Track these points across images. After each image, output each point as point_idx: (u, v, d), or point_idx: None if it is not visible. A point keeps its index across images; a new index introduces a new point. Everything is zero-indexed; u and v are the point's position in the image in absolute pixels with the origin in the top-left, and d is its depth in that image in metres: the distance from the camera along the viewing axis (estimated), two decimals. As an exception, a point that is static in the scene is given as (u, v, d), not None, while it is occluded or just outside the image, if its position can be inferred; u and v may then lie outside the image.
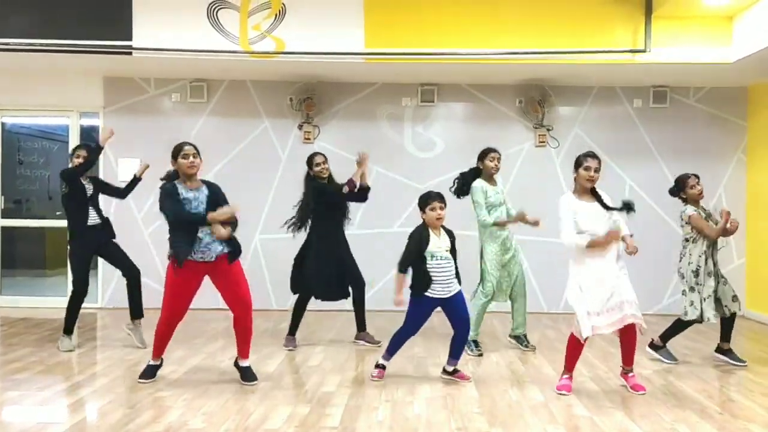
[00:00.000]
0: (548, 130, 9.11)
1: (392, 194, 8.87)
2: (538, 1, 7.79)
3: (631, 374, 5.54)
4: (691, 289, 6.37)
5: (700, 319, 6.29)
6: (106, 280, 9.21)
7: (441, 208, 5.50)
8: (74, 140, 9.30)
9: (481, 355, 6.64)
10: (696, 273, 6.30)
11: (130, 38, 7.88)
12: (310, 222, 6.93)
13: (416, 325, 5.69)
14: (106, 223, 7.15)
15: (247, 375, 5.66)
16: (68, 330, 6.92)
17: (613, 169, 9.09)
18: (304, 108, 8.98)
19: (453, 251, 5.59)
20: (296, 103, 9.03)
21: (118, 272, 8.98)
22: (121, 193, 7.46)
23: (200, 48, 7.88)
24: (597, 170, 5.33)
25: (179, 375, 5.85)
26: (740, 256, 9.12)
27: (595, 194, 5.45)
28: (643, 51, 7.66)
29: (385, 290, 8.89)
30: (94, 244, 7.05)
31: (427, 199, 5.54)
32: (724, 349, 6.58)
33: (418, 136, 9.26)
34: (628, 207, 5.35)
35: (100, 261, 9.14)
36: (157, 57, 7.99)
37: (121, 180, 9.06)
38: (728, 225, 6.14)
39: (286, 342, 7.00)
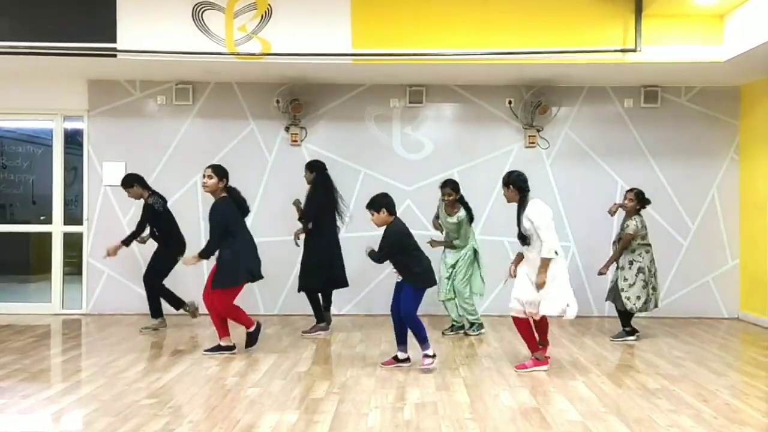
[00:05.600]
0: (538, 130, 9.02)
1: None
2: (528, 0, 7.71)
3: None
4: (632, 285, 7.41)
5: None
6: (91, 286, 9.06)
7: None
8: (58, 144, 9.17)
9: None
10: (642, 270, 7.38)
11: (114, 40, 7.76)
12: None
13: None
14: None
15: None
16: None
17: (605, 170, 9.04)
18: (291, 110, 8.87)
19: None
20: (283, 105, 8.91)
21: (103, 279, 8.98)
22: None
23: (185, 50, 7.78)
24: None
25: (165, 382, 5.72)
26: (734, 257, 9.06)
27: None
28: (634, 50, 7.60)
29: (372, 296, 8.82)
30: None
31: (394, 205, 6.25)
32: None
33: (406, 137, 9.17)
34: None
35: (84, 267, 9.03)
36: (142, 59, 7.88)
37: (105, 184, 8.99)
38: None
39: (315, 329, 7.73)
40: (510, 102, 9.07)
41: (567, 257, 8.97)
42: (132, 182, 7.84)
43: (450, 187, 7.49)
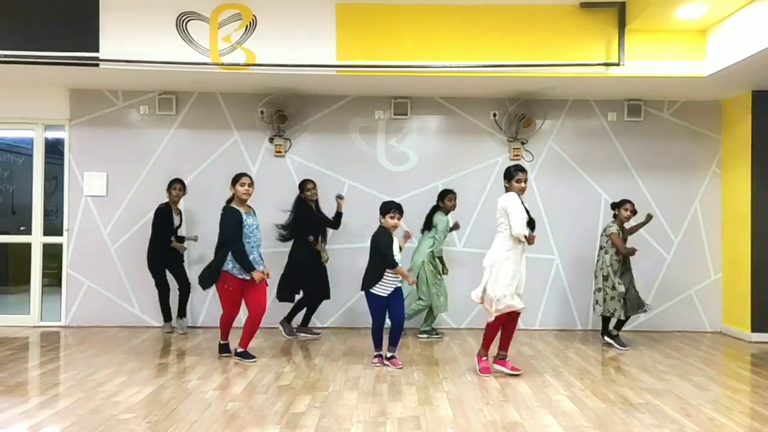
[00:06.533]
0: (523, 143, 9.03)
1: (365, 209, 8.70)
2: (512, 14, 7.73)
3: (506, 359, 6.53)
4: (598, 289, 7.92)
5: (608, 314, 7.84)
6: (70, 298, 8.95)
7: (399, 218, 6.73)
8: (39, 153, 9.07)
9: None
10: (606, 277, 7.80)
11: (96, 50, 7.69)
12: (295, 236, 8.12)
13: (381, 317, 6.80)
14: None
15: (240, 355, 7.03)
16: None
17: (588, 183, 9.06)
18: (275, 121, 8.82)
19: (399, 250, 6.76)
20: (267, 116, 8.87)
21: (83, 290, 8.89)
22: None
23: (169, 60, 7.71)
24: (526, 181, 6.44)
25: (143, 396, 5.64)
26: (717, 272, 9.08)
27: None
28: (617, 64, 7.62)
29: (355, 309, 8.77)
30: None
31: (389, 208, 6.71)
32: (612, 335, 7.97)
33: (391, 149, 9.14)
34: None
35: (64, 278, 8.93)
36: (125, 69, 7.80)
37: (86, 194, 8.91)
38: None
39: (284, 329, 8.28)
40: (495, 115, 9.07)
41: (551, 270, 9.01)
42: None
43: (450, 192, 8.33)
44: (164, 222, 8.33)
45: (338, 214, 8.34)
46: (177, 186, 8.45)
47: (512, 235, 6.21)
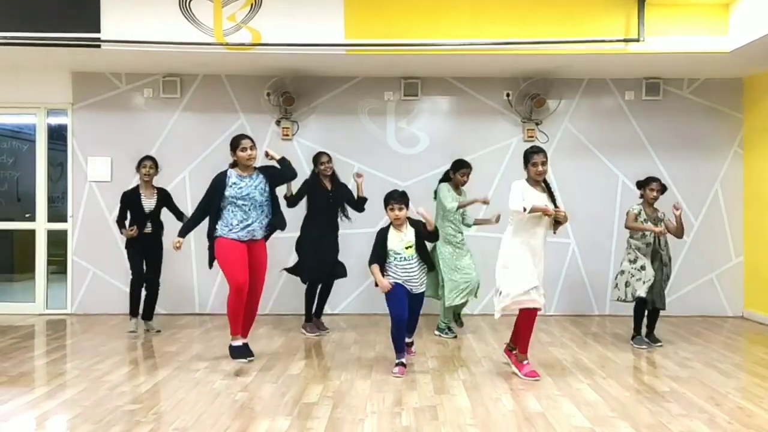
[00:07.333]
0: (537, 124, 8.79)
1: (374, 192, 8.43)
2: (526, -12, 7.49)
3: (526, 362, 5.83)
4: (621, 272, 7.08)
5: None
6: (76, 285, 8.79)
7: (399, 209, 5.84)
8: (42, 138, 8.90)
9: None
10: (633, 260, 6.99)
11: (98, 30, 7.48)
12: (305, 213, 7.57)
13: (399, 310, 5.82)
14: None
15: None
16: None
17: (605, 164, 8.83)
18: (282, 103, 8.61)
19: (419, 242, 5.89)
20: (274, 98, 8.66)
21: (88, 278, 8.73)
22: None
23: (173, 40, 7.50)
24: (544, 164, 5.78)
25: (150, 386, 5.47)
26: (738, 254, 8.85)
27: (546, 186, 5.91)
28: (637, 40, 7.35)
29: (367, 295, 8.57)
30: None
31: (389, 200, 5.92)
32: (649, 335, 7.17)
33: (401, 131, 8.92)
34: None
35: (69, 266, 8.79)
36: (127, 50, 7.60)
37: (90, 180, 8.74)
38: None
39: (303, 327, 7.65)
40: (508, 95, 8.83)
41: (567, 254, 8.79)
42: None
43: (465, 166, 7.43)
44: (131, 207, 7.57)
45: (361, 199, 7.63)
46: (147, 163, 7.56)
47: (520, 227, 5.69)
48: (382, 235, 5.91)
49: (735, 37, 7.30)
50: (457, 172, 7.39)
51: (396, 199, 5.86)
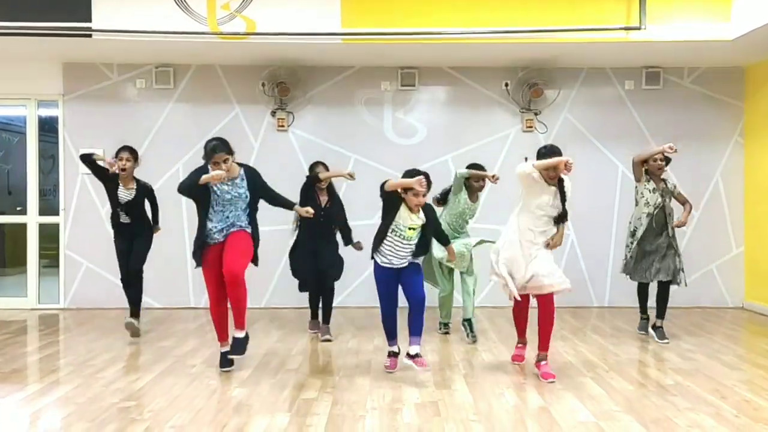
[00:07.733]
0: (536, 114, 8.69)
1: (371, 184, 8.31)
2: (525, -24, 7.37)
3: (543, 362, 5.53)
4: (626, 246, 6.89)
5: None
6: (68, 279, 8.67)
7: (424, 195, 5.43)
8: (32, 130, 8.77)
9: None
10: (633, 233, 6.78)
11: (89, 19, 7.37)
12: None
13: (388, 297, 5.54)
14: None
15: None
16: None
17: (604, 154, 8.75)
18: (277, 93, 8.48)
19: (427, 226, 5.53)
20: (269, 89, 8.53)
21: (81, 272, 8.61)
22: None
23: (165, 29, 7.38)
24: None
25: (145, 383, 5.36)
26: (739, 245, 8.78)
27: (560, 188, 5.59)
28: (638, 28, 7.26)
29: (362, 288, 8.47)
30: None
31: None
32: (655, 326, 6.87)
33: (398, 122, 8.81)
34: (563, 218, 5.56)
35: (62, 259, 8.67)
36: (119, 39, 7.49)
37: (82, 172, 8.59)
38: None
39: (310, 326, 7.28)
40: (506, 84, 8.72)
41: (566, 245, 8.69)
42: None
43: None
44: (108, 192, 7.06)
45: (347, 237, 7.22)
46: (123, 155, 6.93)
47: (523, 216, 5.50)
48: (394, 203, 5.44)
49: (737, 25, 7.21)
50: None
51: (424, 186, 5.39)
